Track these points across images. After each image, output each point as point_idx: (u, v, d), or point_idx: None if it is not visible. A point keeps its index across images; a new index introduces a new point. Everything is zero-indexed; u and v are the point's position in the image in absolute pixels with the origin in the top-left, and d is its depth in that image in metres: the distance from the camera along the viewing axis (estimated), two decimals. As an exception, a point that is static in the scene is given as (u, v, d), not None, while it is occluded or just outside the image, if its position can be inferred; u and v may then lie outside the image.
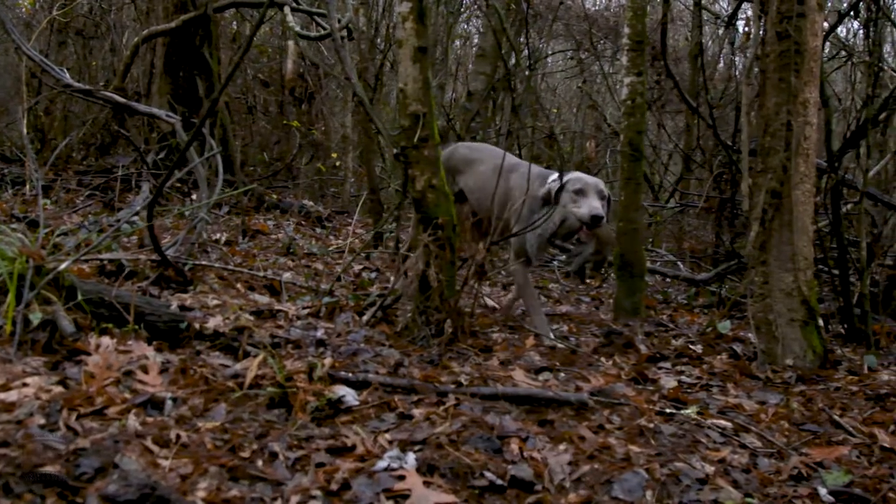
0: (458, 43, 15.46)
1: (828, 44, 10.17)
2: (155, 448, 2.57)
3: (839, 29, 11.09)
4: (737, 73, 11.86)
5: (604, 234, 5.09)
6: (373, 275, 6.35)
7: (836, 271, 5.92)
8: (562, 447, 3.09)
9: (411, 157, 4.20)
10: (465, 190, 5.79)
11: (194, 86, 9.29)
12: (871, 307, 6.01)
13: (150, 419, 2.81)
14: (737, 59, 12.72)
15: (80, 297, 3.55)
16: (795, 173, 4.78)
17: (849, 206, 7.26)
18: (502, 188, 5.26)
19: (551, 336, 4.97)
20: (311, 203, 10.13)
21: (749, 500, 2.94)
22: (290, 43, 10.72)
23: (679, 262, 8.96)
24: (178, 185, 8.42)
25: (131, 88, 10.09)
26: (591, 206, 4.84)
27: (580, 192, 4.94)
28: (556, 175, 5.19)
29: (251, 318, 4.12)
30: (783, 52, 4.80)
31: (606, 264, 5.67)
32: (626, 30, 6.30)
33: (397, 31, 4.32)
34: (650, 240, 10.21)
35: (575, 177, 5.05)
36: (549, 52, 16.37)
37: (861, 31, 8.83)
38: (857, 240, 6.24)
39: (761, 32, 5.08)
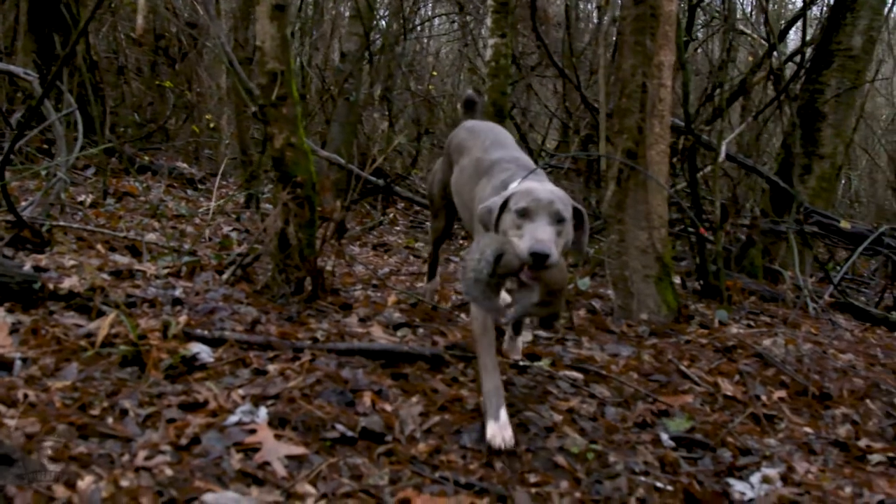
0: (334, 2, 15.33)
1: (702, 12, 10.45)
2: (1, 408, 2.55)
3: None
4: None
5: (553, 279, 3.20)
6: (242, 235, 6.31)
7: (692, 230, 6.12)
8: (414, 399, 3.17)
9: (270, 116, 4.18)
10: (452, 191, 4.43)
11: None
12: (726, 264, 6.24)
13: (-3, 380, 2.79)
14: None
15: (-74, 259, 3.47)
16: (650, 134, 4.94)
17: (708, 167, 7.49)
18: (471, 196, 3.96)
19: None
20: (184, 165, 9.98)
21: (593, 446, 3.06)
22: (141, -1, 10.52)
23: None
24: (45, 146, 8.20)
25: (-6, 46, 9.75)
26: (535, 236, 3.07)
27: (524, 214, 3.18)
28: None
29: (107, 277, 4.08)
30: (639, 15, 4.93)
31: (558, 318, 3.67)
32: (492, -10, 6.37)
33: (255, -12, 4.30)
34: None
35: (522, 189, 3.31)
36: (431, 16, 16.36)
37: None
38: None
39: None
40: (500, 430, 2.97)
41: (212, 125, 11.82)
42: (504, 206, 3.31)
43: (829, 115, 7.83)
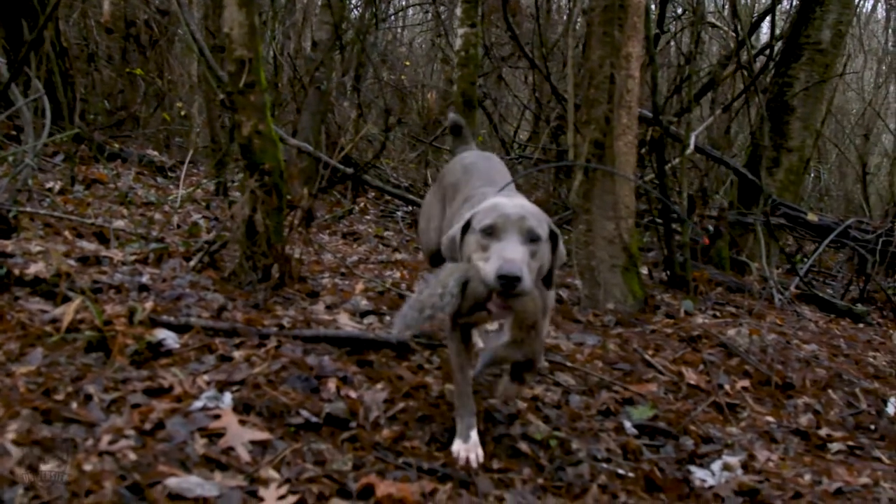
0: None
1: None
2: (-35, 393, 2.55)
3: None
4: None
5: (526, 309, 2.66)
6: (211, 223, 6.30)
7: (660, 221, 6.17)
8: (379, 386, 3.19)
9: (237, 103, 4.17)
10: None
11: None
12: (693, 256, 6.30)
13: (-41, 367, 2.78)
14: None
15: None
16: (618, 125, 4.97)
17: (677, 159, 7.54)
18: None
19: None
20: (155, 153, 9.94)
21: (557, 433, 3.09)
22: (108, -17, 10.44)
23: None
24: (13, 132, 8.14)
25: (-38, 33, 9.65)
26: (503, 256, 2.59)
27: (491, 232, 2.69)
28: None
29: (74, 263, 4.06)
30: (607, 6, 4.96)
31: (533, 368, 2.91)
32: (462, -19, 6.38)
33: (223, -25, 4.27)
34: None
35: (487, 206, 2.82)
36: (404, 5, 16.35)
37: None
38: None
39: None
40: (466, 450, 2.87)
41: (183, 113, 11.78)
42: (467, 227, 2.83)
43: (797, 109, 7.91)
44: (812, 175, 14.37)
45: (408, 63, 15.04)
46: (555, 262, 2.90)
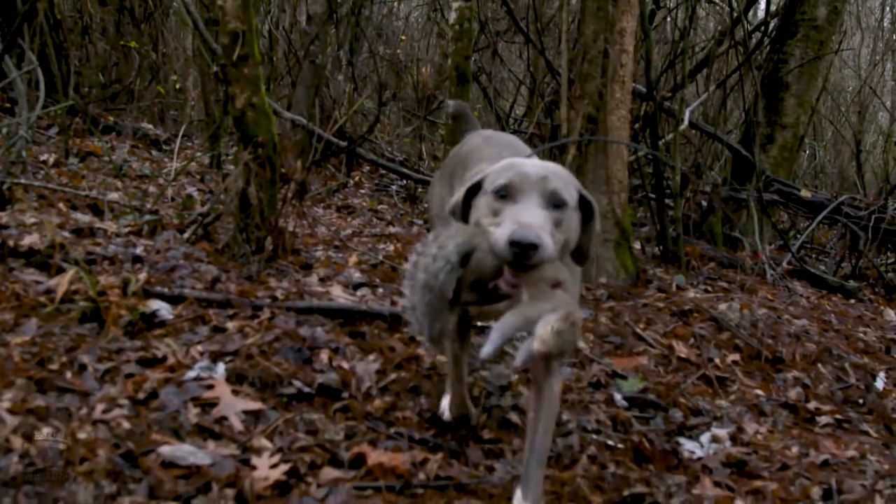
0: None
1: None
2: (-40, 363, 2.56)
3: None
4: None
5: (541, 274, 2.15)
6: (206, 196, 6.30)
7: (653, 196, 6.19)
8: (371, 357, 3.21)
9: (231, 76, 4.16)
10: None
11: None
12: (686, 231, 6.32)
13: (-46, 336, 2.79)
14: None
15: None
16: (611, 99, 4.97)
17: (670, 135, 7.55)
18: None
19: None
20: (149, 126, 9.91)
21: (548, 404, 3.11)
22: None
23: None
24: (7, 105, 8.12)
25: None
26: (518, 220, 2.10)
27: (505, 194, 2.23)
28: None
29: (68, 235, 4.07)
30: (602, -19, 4.95)
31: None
32: (456, -46, 6.35)
33: (216, -53, 4.27)
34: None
35: (503, 165, 2.35)
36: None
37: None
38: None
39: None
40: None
41: (177, 86, 11.75)
42: (478, 189, 2.36)
43: (792, 85, 7.92)
44: (807, 152, 14.37)
45: (403, 37, 14.98)
46: (588, 236, 2.41)
